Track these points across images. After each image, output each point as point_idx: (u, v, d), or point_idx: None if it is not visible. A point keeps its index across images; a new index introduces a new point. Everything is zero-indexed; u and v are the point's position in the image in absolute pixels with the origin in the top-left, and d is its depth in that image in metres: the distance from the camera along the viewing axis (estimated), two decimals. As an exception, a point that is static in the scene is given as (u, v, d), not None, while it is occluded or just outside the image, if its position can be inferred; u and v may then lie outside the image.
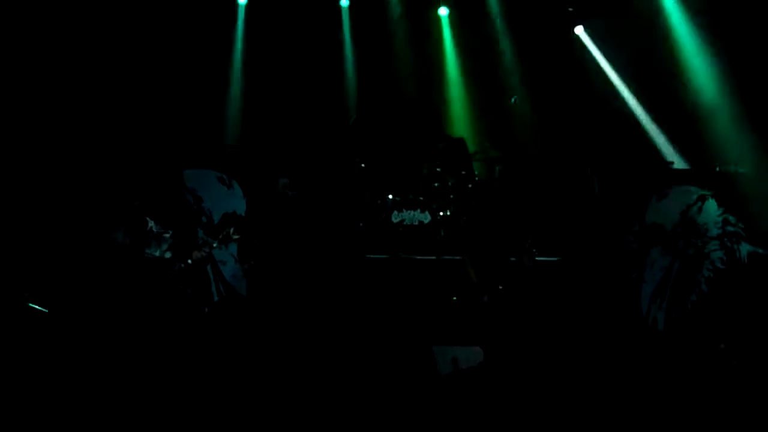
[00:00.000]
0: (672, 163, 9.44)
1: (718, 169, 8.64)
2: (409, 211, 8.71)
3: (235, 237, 7.04)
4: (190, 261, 6.81)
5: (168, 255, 6.93)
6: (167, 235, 6.97)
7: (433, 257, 8.46)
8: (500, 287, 6.65)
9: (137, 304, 6.52)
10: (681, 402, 5.86)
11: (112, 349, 6.10)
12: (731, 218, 8.18)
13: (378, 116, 10.43)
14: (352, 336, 6.84)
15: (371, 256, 8.54)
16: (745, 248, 8.10)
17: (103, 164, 7.96)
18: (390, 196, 9.20)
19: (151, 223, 6.99)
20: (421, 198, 8.96)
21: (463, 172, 9.39)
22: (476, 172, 9.36)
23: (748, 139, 8.74)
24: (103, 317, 6.47)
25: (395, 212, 8.71)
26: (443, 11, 10.70)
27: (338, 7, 10.55)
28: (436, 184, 9.21)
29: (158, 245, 6.95)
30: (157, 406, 4.88)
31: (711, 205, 8.26)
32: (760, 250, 8.04)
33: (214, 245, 7.07)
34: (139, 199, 7.52)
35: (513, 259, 7.42)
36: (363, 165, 9.18)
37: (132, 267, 6.76)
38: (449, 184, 9.21)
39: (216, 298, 7.56)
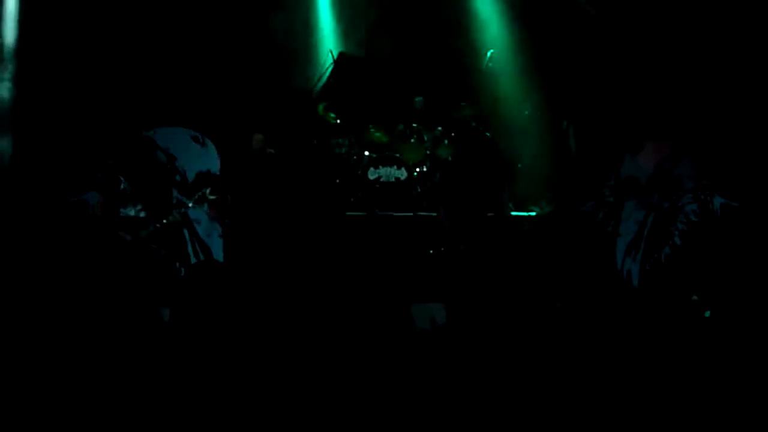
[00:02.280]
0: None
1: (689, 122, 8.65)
2: (385, 168, 8.69)
3: (211, 198, 6.98)
4: (165, 222, 6.75)
5: (143, 215, 6.85)
6: (141, 195, 6.89)
7: (410, 213, 8.47)
8: (475, 241, 6.65)
9: (110, 266, 6.46)
10: (653, 355, 5.95)
11: (85, 314, 6.06)
12: (705, 171, 8.24)
13: (353, 72, 10.32)
14: (329, 293, 6.85)
15: (348, 213, 8.54)
16: (718, 201, 8.16)
17: (74, 125, 7.82)
18: (366, 153, 9.16)
19: (124, 183, 6.88)
20: (398, 154, 8.93)
21: (440, 128, 9.36)
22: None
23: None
24: (76, 280, 6.41)
25: (371, 169, 8.69)
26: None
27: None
28: (412, 140, 9.18)
29: (133, 205, 6.87)
30: (132, 371, 4.86)
31: (686, 158, 8.30)
32: (733, 203, 8.12)
33: (190, 205, 7.00)
34: (111, 159, 7.42)
35: (490, 213, 7.42)
36: (338, 121, 9.10)
37: (105, 228, 6.68)
38: (425, 139, 9.18)
39: (193, 259, 7.51)
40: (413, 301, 6.48)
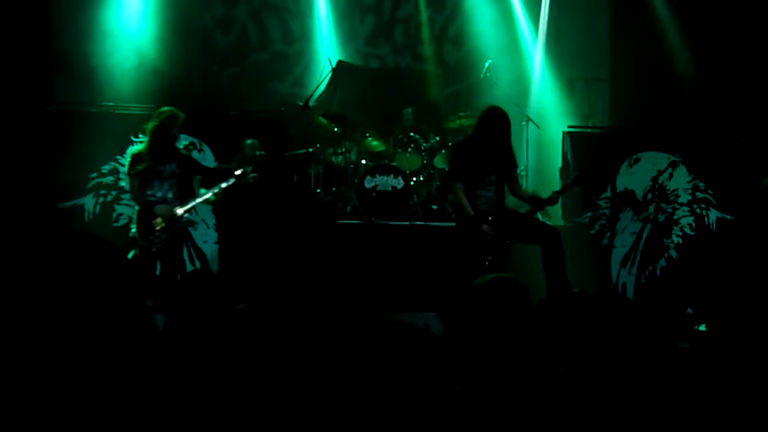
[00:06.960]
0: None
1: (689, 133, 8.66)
2: (382, 177, 8.66)
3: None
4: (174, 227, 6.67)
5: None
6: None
7: (407, 223, 8.46)
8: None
9: (104, 271, 6.39)
10: (646, 366, 5.94)
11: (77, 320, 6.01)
12: (701, 184, 8.26)
13: (351, 80, 10.33)
14: (324, 302, 6.83)
15: (343, 221, 8.51)
16: (713, 214, 8.19)
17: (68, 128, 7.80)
18: (363, 161, 9.16)
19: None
20: (395, 163, 8.92)
21: (437, 138, 9.36)
22: (449, 138, 9.34)
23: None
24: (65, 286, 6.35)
25: (368, 177, 8.67)
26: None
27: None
28: (409, 149, 9.17)
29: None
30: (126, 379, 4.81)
31: (681, 171, 8.32)
32: (728, 217, 8.15)
33: (186, 215, 6.94)
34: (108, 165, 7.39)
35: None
36: (337, 130, 9.09)
37: (99, 234, 6.62)
38: (422, 148, 9.17)
39: (188, 266, 7.48)
40: (408, 310, 6.47)
